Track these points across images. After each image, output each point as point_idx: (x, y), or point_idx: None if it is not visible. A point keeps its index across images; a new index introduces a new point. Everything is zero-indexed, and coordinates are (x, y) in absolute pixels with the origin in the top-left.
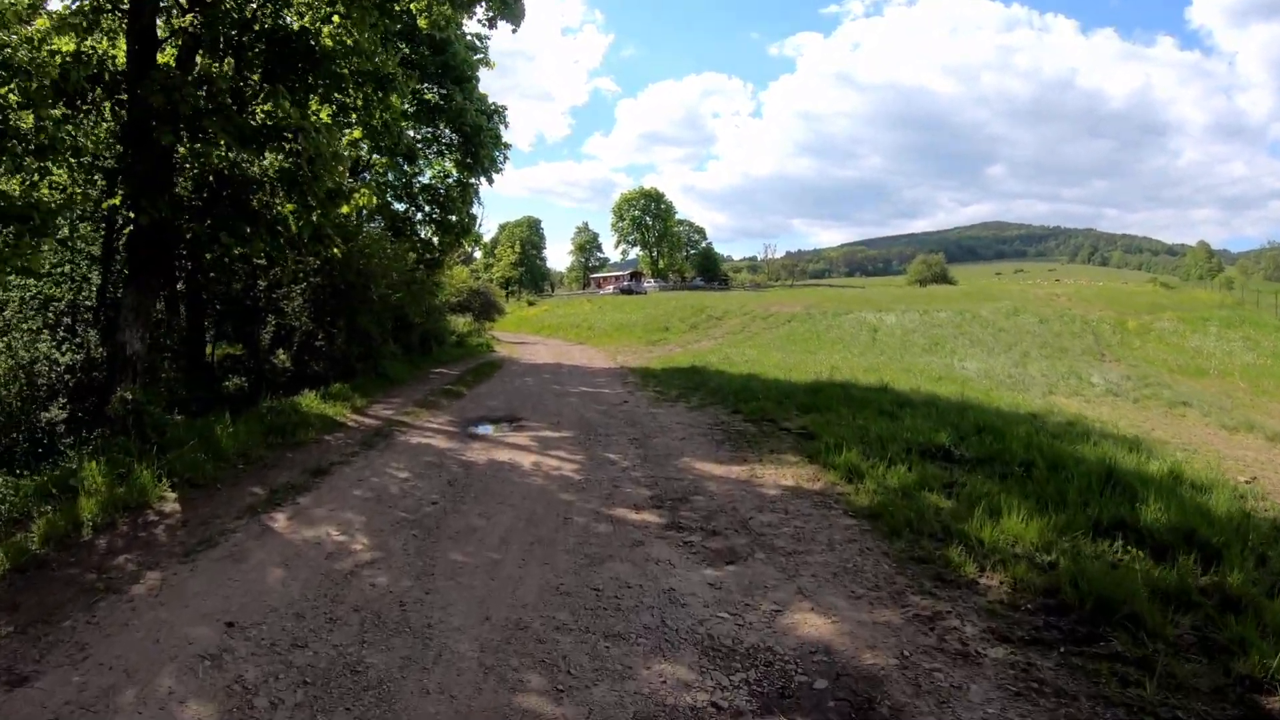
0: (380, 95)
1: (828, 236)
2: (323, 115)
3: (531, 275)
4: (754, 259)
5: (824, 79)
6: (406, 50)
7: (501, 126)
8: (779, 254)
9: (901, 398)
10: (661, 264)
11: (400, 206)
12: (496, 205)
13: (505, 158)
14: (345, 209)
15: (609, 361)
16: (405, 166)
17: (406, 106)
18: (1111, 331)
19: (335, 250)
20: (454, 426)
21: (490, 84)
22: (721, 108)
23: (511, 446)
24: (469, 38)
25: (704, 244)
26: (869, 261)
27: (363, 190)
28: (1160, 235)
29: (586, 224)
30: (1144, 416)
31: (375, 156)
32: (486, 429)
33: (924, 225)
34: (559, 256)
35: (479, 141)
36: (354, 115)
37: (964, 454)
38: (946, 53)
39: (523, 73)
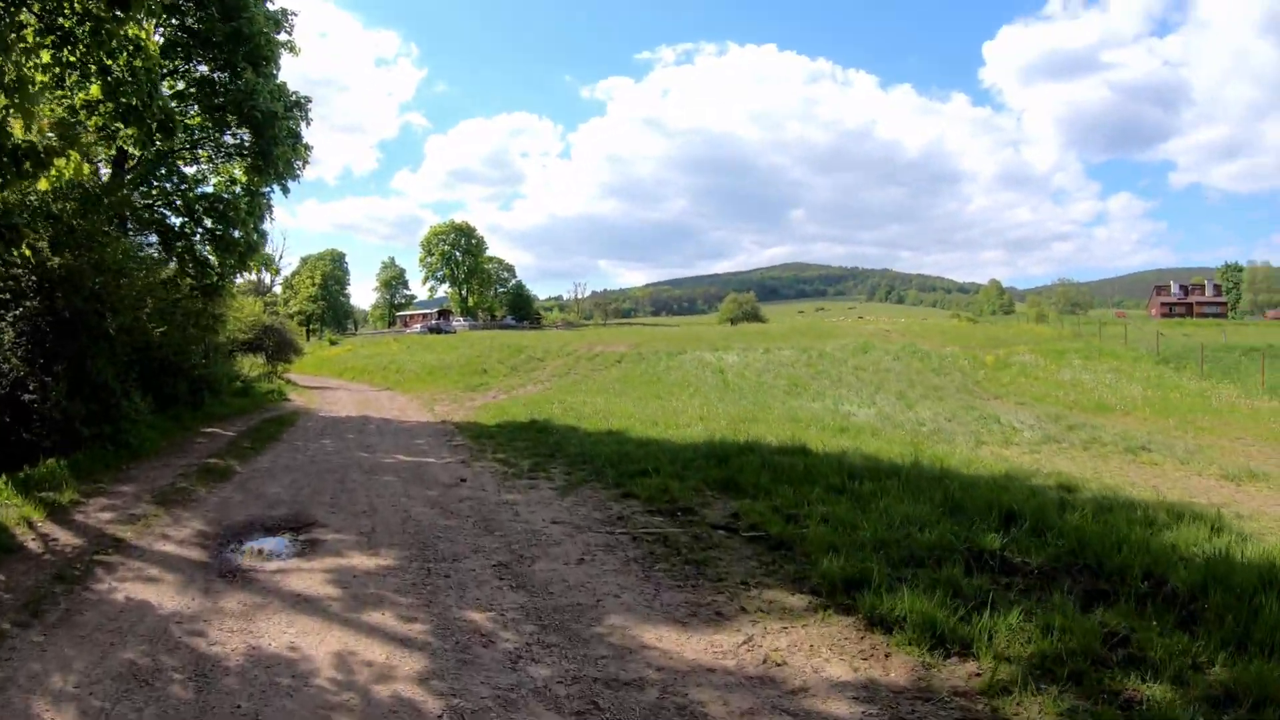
0: (117, 16)
1: (633, 277)
2: (43, 55)
3: (335, 312)
4: (560, 298)
5: (633, 123)
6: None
7: (303, 124)
8: (586, 293)
9: (841, 464)
10: (471, 301)
11: (176, 221)
12: (299, 240)
13: (305, 162)
14: (43, 184)
15: (426, 413)
16: (159, 144)
17: (179, 84)
18: (972, 366)
19: (25, 250)
20: (202, 547)
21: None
22: (530, 147)
23: (294, 605)
24: (274, 10)
25: (513, 282)
26: (674, 301)
27: (70, 155)
28: (952, 275)
29: (393, 259)
30: (1116, 468)
31: (120, 127)
32: (256, 551)
33: (727, 266)
34: (365, 294)
35: (273, 136)
36: (80, 50)
37: (1027, 561)
38: (753, 101)
39: (335, 103)
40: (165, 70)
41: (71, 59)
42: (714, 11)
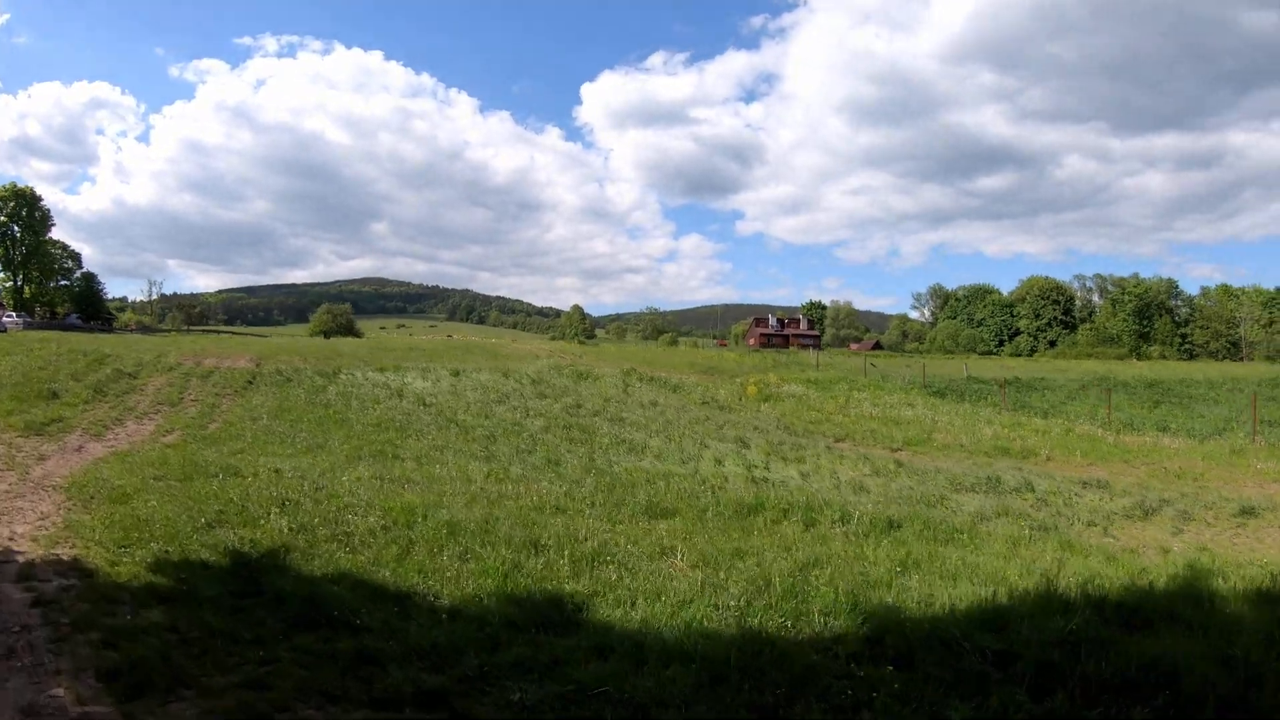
0: None
1: (204, 281)
2: None
3: None
4: (125, 299)
5: (222, 112)
6: None
7: None
8: (156, 295)
9: None
10: (28, 292)
11: None
12: None
13: None
14: None
15: None
16: None
17: None
18: (737, 399)
19: None
20: None
21: None
22: (108, 124)
23: None
24: None
25: (79, 273)
26: (249, 310)
27: None
28: (529, 298)
29: None
30: None
31: None
32: None
33: (304, 276)
34: None
35: None
36: None
37: None
38: (348, 106)
39: None
40: None
41: None
42: (325, 7)
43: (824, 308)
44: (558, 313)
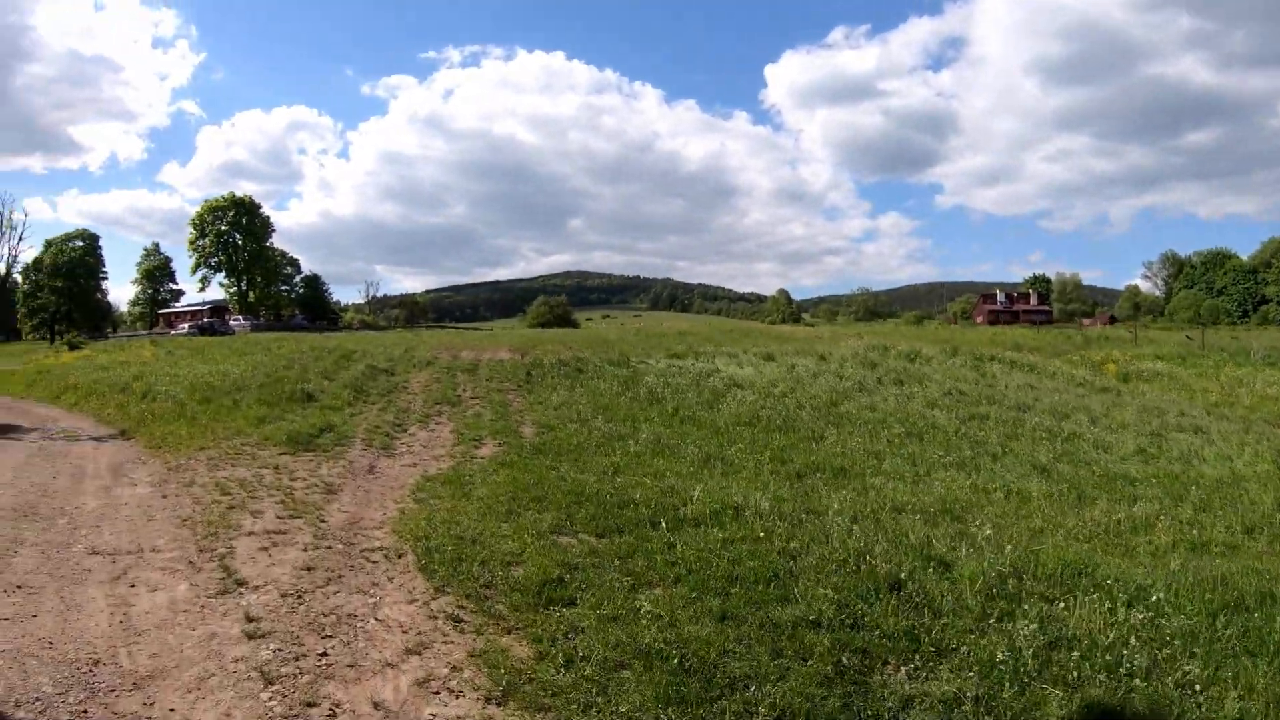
0: None
1: (410, 283)
2: None
3: (85, 309)
4: (338, 302)
5: (415, 123)
6: None
7: None
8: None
9: None
10: (253, 297)
11: None
12: (53, 233)
13: None
14: None
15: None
16: None
17: None
18: (1097, 375)
19: None
20: None
21: (60, 88)
22: (308, 144)
23: None
24: None
25: (299, 277)
26: (456, 307)
27: None
28: (730, 284)
29: (157, 245)
30: None
31: None
32: None
33: (506, 273)
34: (129, 294)
35: None
36: None
37: None
38: (537, 107)
39: (105, 83)
40: None
41: None
42: (503, 15)
43: (1048, 281)
44: (760, 298)
